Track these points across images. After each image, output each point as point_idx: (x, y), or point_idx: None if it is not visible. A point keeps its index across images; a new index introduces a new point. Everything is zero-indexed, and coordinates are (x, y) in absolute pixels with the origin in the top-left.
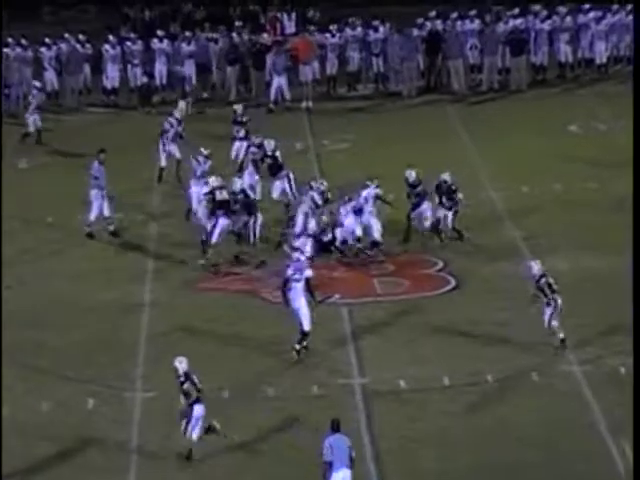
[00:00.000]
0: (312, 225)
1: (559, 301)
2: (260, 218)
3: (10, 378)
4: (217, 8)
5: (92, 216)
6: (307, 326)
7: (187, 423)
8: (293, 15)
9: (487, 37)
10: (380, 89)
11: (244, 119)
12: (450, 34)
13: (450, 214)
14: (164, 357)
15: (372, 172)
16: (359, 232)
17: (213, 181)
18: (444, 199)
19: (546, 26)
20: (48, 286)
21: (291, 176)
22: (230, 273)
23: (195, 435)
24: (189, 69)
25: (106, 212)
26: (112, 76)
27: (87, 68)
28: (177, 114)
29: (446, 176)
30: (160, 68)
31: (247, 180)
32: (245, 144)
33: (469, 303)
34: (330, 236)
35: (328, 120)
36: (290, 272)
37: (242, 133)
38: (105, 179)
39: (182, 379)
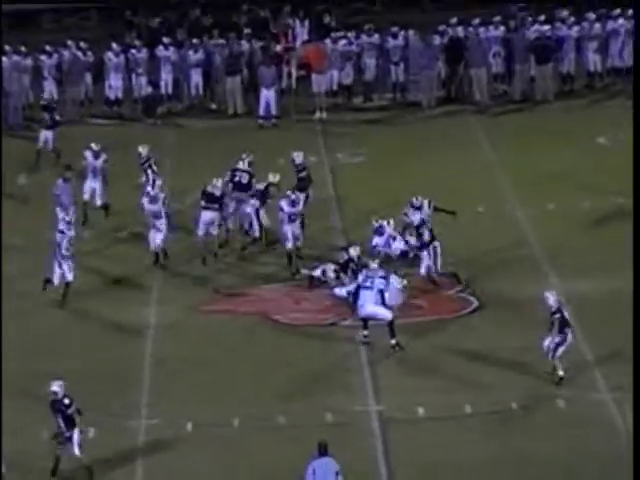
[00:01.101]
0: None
1: (570, 335)
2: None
3: (10, 408)
4: (227, 14)
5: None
6: (390, 315)
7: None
8: (306, 22)
9: (515, 43)
10: (398, 99)
11: (151, 163)
12: (472, 41)
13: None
14: (170, 384)
15: (390, 188)
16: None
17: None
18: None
19: (574, 33)
20: (47, 311)
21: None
22: (239, 294)
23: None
24: (196, 78)
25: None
26: (115, 86)
27: (89, 77)
28: (94, 147)
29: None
30: (166, 77)
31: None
32: (152, 191)
33: (491, 326)
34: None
35: (342, 132)
36: (361, 279)
37: (143, 179)
38: (69, 198)
39: (67, 402)
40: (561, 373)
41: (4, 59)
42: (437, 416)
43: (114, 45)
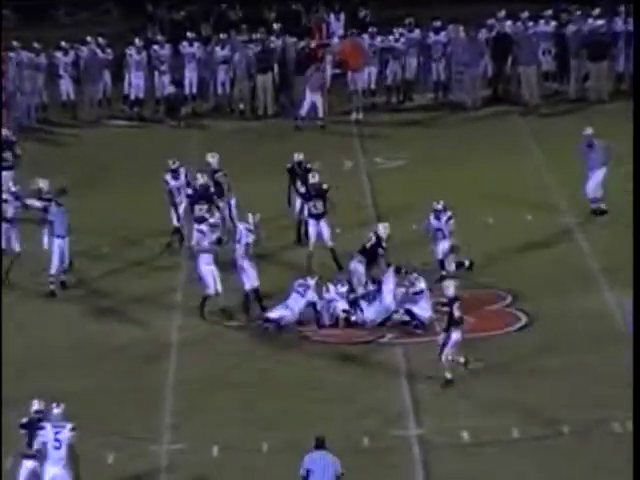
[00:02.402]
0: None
1: (454, 335)
2: None
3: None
4: (255, 7)
5: (52, 269)
6: None
7: None
8: (341, 15)
9: (568, 39)
10: (440, 99)
11: (48, 196)
12: (522, 37)
13: None
14: (194, 405)
15: (431, 195)
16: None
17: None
18: None
19: (630, 27)
20: (63, 326)
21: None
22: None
23: None
24: (222, 76)
25: (65, 261)
26: (136, 85)
27: (108, 76)
28: (13, 188)
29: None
30: (190, 75)
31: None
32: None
33: (541, 343)
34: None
35: (381, 134)
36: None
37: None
38: (64, 224)
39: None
40: (448, 376)
41: (13, 55)
42: (482, 441)
43: (136, 40)
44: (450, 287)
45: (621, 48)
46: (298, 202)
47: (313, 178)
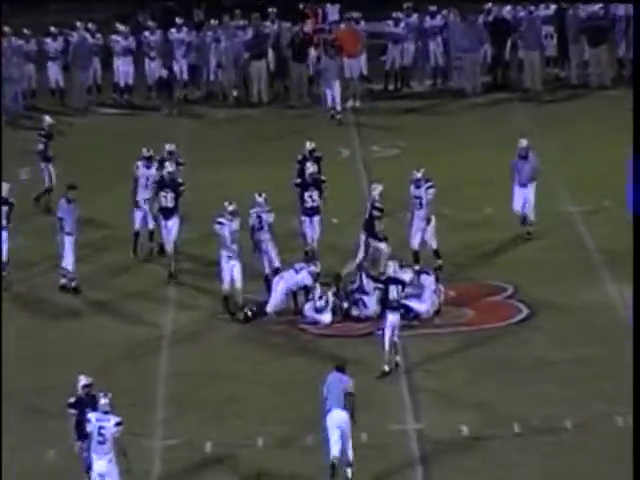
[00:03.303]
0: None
1: (390, 317)
2: None
3: (14, 422)
4: None
5: (68, 265)
6: None
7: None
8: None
9: (568, 23)
10: (439, 85)
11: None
12: (525, 21)
13: None
14: (188, 400)
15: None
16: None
17: None
18: None
19: (630, 11)
20: (56, 321)
21: None
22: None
23: None
24: (215, 63)
25: (69, 265)
26: (124, 71)
27: (97, 62)
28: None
29: None
30: (180, 62)
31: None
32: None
33: (543, 336)
34: None
35: (377, 122)
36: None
37: None
38: (74, 222)
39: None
40: (386, 368)
41: (3, 42)
42: (482, 435)
43: (122, 27)
44: (390, 267)
45: (622, 31)
46: None
47: (312, 167)
